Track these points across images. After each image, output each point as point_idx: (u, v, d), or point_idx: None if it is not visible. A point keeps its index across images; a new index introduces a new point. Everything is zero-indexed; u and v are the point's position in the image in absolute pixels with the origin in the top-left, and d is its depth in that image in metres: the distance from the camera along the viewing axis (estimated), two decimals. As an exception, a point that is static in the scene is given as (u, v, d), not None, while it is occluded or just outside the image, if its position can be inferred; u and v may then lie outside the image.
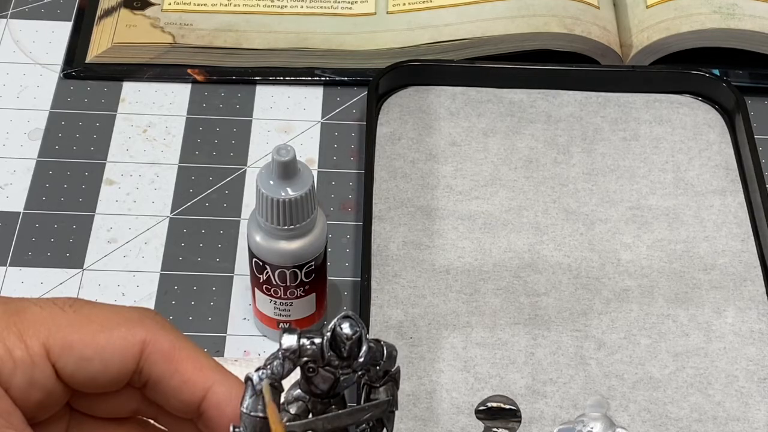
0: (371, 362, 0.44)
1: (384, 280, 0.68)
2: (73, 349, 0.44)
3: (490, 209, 0.72)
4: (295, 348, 0.44)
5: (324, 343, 0.44)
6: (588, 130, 0.77)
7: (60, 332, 0.44)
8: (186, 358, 0.45)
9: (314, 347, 0.44)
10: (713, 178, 0.74)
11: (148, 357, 0.44)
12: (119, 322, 0.44)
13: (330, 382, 0.44)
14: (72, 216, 0.72)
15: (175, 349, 0.45)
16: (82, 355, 0.44)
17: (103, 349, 0.44)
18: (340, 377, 0.44)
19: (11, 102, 0.79)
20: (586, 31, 0.80)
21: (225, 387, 0.45)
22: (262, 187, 0.59)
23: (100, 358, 0.44)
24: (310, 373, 0.44)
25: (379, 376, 0.45)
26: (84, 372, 0.44)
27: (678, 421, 0.63)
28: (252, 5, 0.82)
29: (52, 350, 0.43)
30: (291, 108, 0.79)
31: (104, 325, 0.44)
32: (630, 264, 0.70)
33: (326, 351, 0.44)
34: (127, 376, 0.45)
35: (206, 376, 0.45)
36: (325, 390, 0.45)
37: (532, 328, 0.67)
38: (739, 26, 0.79)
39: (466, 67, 0.79)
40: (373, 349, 0.44)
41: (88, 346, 0.44)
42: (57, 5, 0.85)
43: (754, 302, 0.68)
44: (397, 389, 0.46)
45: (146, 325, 0.45)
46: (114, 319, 0.45)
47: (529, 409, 0.63)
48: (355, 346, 0.44)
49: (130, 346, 0.44)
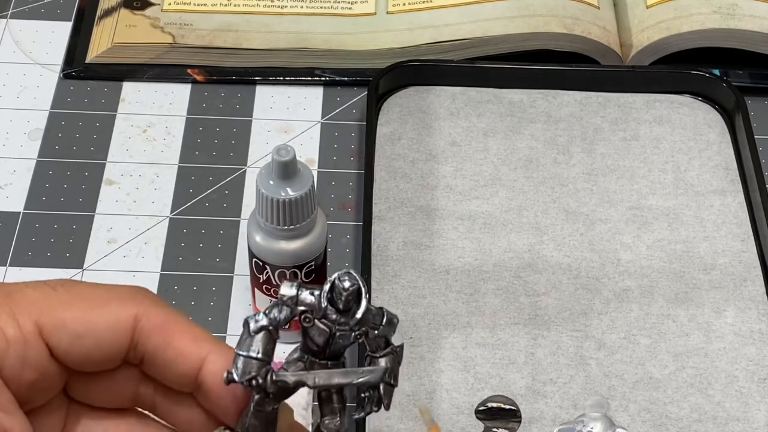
0: (370, 324, 0.45)
1: (384, 280, 0.68)
2: (66, 327, 0.44)
3: (490, 209, 0.72)
4: (293, 295, 0.44)
5: (322, 294, 0.44)
6: (588, 130, 0.77)
7: (52, 310, 0.44)
8: (179, 330, 0.45)
9: (312, 297, 0.44)
10: (713, 178, 0.74)
11: (141, 331, 0.44)
12: (111, 299, 0.45)
13: (325, 336, 0.44)
14: (72, 216, 0.72)
15: (168, 322, 0.45)
16: (75, 331, 0.44)
17: (96, 325, 0.44)
18: (336, 332, 0.44)
19: (11, 102, 0.79)
20: (586, 31, 0.80)
21: (220, 356, 0.45)
22: (262, 187, 0.59)
23: (93, 335, 0.44)
24: (306, 323, 0.44)
25: (380, 346, 0.45)
26: (78, 349, 0.44)
27: (678, 421, 0.63)
28: (252, 5, 0.82)
29: (44, 328, 0.43)
30: (291, 108, 0.79)
31: (96, 302, 0.44)
32: (630, 264, 0.70)
33: (323, 301, 0.44)
34: (122, 352, 0.45)
35: (201, 346, 0.45)
36: (320, 344, 0.45)
37: (532, 328, 0.67)
38: (739, 26, 0.79)
39: (466, 67, 0.79)
40: (372, 310, 0.45)
41: (81, 323, 0.44)
42: (57, 5, 0.85)
43: (754, 302, 0.68)
44: (399, 364, 0.46)
45: (138, 300, 0.45)
46: (105, 296, 0.45)
47: (529, 409, 0.63)
48: (352, 299, 0.44)
49: (123, 321, 0.44)
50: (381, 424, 0.62)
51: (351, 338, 0.45)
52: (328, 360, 0.45)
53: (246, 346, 0.44)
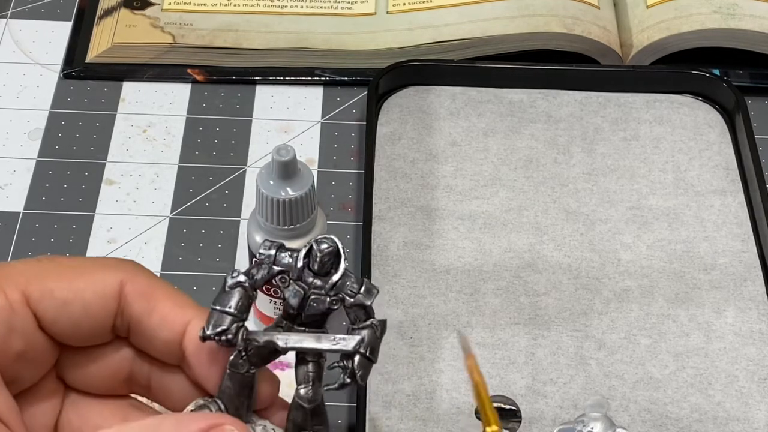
0: (346, 290, 0.44)
1: (384, 280, 0.68)
2: (53, 295, 0.44)
3: (490, 209, 0.72)
4: (272, 255, 0.44)
5: (299, 255, 0.44)
6: (588, 130, 0.77)
7: (39, 280, 0.44)
8: (163, 296, 0.45)
9: (290, 258, 0.44)
10: (713, 178, 0.74)
11: (126, 297, 0.45)
12: (96, 267, 0.45)
13: (299, 298, 0.44)
14: (72, 216, 0.72)
15: (152, 288, 0.45)
16: (62, 299, 0.44)
17: (83, 291, 0.44)
18: (310, 295, 0.44)
19: (11, 102, 0.79)
20: (586, 31, 0.80)
21: (203, 321, 0.45)
22: (262, 187, 0.59)
23: (80, 301, 0.44)
24: (282, 283, 0.44)
25: (360, 318, 0.45)
26: (66, 317, 0.44)
27: (678, 421, 0.63)
28: (252, 5, 0.82)
29: (31, 297, 0.44)
30: (291, 108, 0.79)
31: (82, 271, 0.45)
32: (630, 264, 0.70)
33: (299, 262, 0.44)
34: (109, 319, 0.45)
35: (184, 311, 0.45)
36: (295, 307, 0.45)
37: (532, 328, 0.67)
38: (739, 26, 0.79)
39: (466, 67, 0.79)
40: (350, 277, 0.45)
41: (68, 290, 0.44)
42: (57, 5, 0.85)
43: (754, 302, 0.68)
44: (378, 339, 0.45)
45: (124, 268, 0.45)
46: (91, 265, 0.45)
47: (529, 409, 0.63)
48: (328, 262, 0.44)
49: (108, 287, 0.45)
50: (381, 424, 0.62)
51: (326, 303, 0.45)
52: (305, 327, 0.45)
53: (221, 301, 0.44)
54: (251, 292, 0.45)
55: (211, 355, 0.45)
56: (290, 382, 0.61)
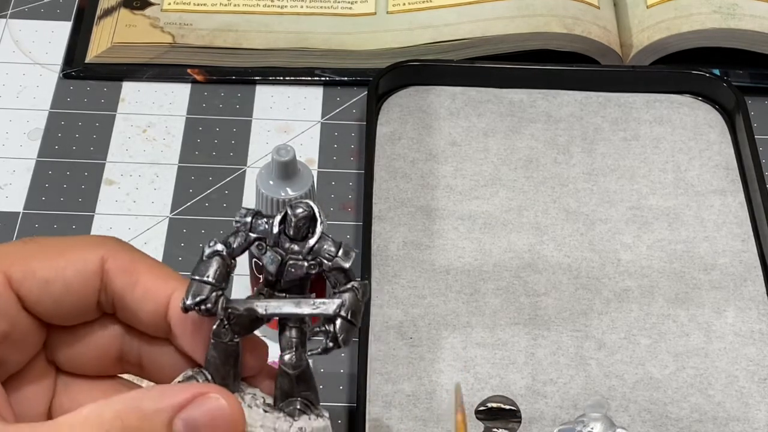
0: (324, 254, 0.44)
1: (384, 280, 0.68)
2: (35, 274, 0.44)
3: (490, 209, 0.72)
4: (248, 222, 0.44)
5: (274, 221, 0.44)
6: (588, 130, 0.77)
7: (21, 261, 0.44)
8: (146, 269, 0.45)
9: (266, 225, 0.44)
10: (713, 178, 0.74)
11: (108, 273, 0.45)
12: (77, 245, 0.45)
13: (277, 264, 0.44)
14: (72, 216, 0.72)
15: (134, 262, 0.45)
16: (44, 278, 0.44)
17: (64, 269, 0.44)
18: (287, 261, 0.44)
19: (11, 102, 0.79)
20: (586, 31, 0.80)
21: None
22: (262, 187, 0.59)
23: (62, 279, 0.44)
24: (259, 250, 0.44)
25: (340, 281, 0.45)
26: (48, 296, 0.44)
27: (678, 421, 0.63)
28: (252, 5, 0.82)
29: (13, 278, 0.44)
30: (291, 108, 0.79)
31: (63, 249, 0.45)
32: (630, 264, 0.70)
33: (275, 228, 0.44)
34: (93, 296, 0.45)
35: (167, 283, 0.45)
36: (273, 273, 0.44)
37: (532, 328, 0.67)
38: (739, 26, 0.79)
39: (466, 67, 0.79)
40: (327, 240, 0.44)
41: (49, 269, 0.44)
42: (57, 5, 0.85)
43: (754, 302, 0.68)
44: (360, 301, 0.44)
45: (106, 244, 0.45)
46: (73, 243, 0.45)
47: (529, 409, 0.63)
48: (303, 226, 0.44)
49: (89, 263, 0.45)
50: (381, 424, 0.62)
51: (304, 268, 0.44)
52: (286, 293, 0.45)
53: (199, 271, 0.44)
54: (229, 261, 0.45)
55: (195, 325, 0.45)
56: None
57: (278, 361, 0.45)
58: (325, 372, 0.66)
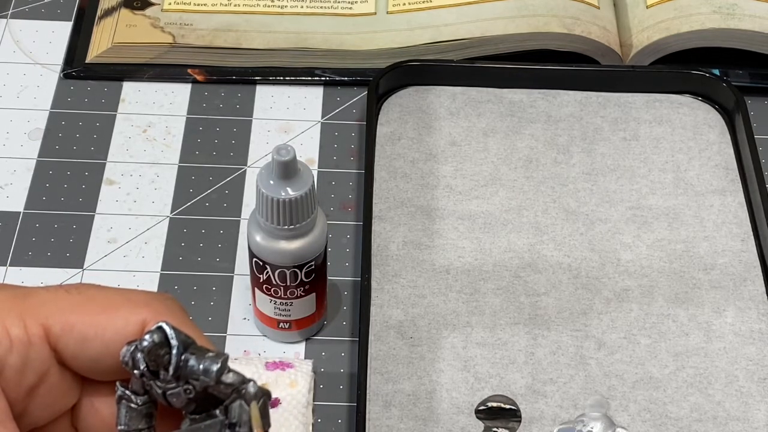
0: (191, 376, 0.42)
1: (384, 280, 0.68)
2: (73, 330, 0.43)
3: (490, 209, 0.72)
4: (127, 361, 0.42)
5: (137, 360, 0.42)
6: (588, 130, 0.77)
7: (61, 313, 0.43)
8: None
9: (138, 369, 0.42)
10: (713, 178, 0.74)
11: None
12: (123, 304, 0.43)
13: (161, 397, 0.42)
14: (72, 216, 0.73)
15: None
16: (83, 335, 0.43)
17: (104, 329, 0.43)
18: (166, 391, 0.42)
19: (11, 102, 0.79)
20: (586, 31, 0.80)
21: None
22: (262, 187, 0.59)
23: (101, 339, 0.43)
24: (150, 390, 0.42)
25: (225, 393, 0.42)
26: (85, 354, 0.43)
27: (678, 421, 0.63)
28: (252, 5, 0.82)
29: (51, 331, 0.42)
30: (291, 108, 0.79)
31: (107, 306, 0.43)
32: (630, 264, 0.70)
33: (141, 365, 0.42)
34: None
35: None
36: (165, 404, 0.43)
37: (532, 328, 0.67)
38: (739, 26, 0.79)
39: (466, 67, 0.79)
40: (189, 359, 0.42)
41: (89, 327, 0.43)
42: (57, 5, 0.85)
43: (754, 302, 0.68)
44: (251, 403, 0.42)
45: (152, 307, 0.43)
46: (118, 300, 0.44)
47: (529, 409, 0.63)
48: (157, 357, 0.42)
49: (131, 326, 0.43)
50: (381, 424, 0.62)
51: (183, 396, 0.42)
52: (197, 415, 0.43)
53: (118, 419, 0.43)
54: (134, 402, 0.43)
55: None
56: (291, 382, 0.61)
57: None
58: (325, 372, 0.66)
